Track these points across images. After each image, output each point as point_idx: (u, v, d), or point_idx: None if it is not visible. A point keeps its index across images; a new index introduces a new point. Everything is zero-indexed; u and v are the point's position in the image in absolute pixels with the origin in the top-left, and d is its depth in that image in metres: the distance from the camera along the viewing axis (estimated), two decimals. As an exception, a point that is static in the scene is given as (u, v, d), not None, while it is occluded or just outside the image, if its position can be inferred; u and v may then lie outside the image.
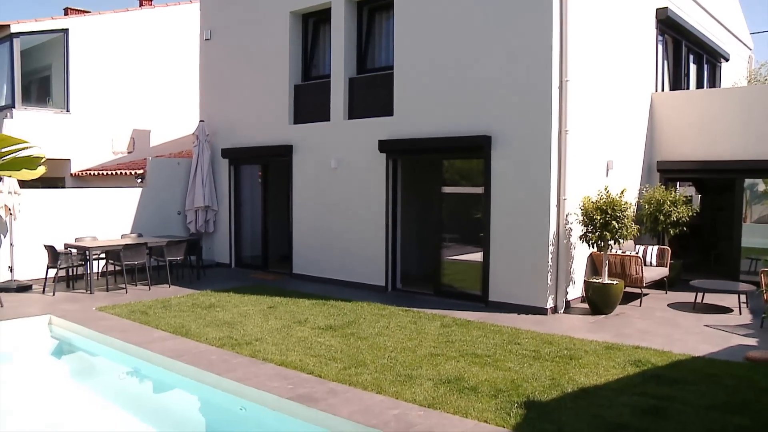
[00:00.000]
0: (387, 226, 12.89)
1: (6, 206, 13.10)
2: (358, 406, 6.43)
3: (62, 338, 10.53)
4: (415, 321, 10.18)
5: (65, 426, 7.70)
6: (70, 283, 13.75)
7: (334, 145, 13.85)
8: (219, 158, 16.64)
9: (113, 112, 20.66)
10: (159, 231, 16.05)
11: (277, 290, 12.95)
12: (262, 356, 8.18)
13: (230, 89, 16.40)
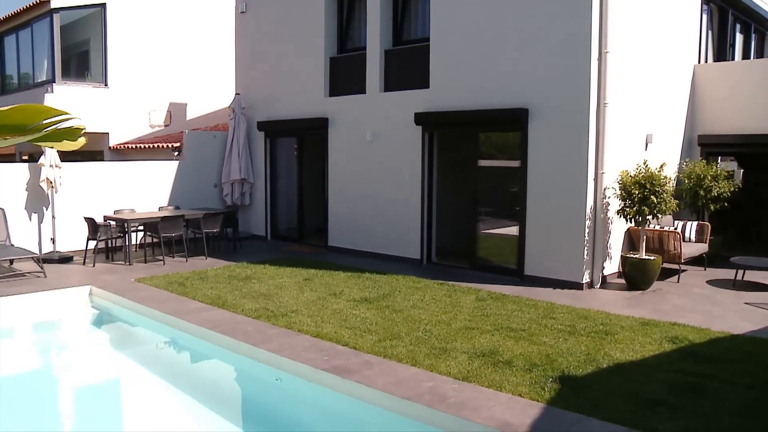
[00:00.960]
0: (422, 200, 12.87)
1: (48, 179, 13.33)
2: (393, 378, 6.47)
3: (102, 308, 10.74)
4: (450, 294, 10.18)
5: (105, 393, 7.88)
6: (109, 255, 13.99)
7: (369, 117, 13.82)
8: (255, 131, 16.71)
9: (150, 86, 20.84)
10: (195, 203, 16.21)
11: (312, 262, 13.03)
12: (298, 328, 8.26)
13: (266, 62, 16.41)
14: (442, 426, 5.65)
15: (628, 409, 5.66)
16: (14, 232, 13.24)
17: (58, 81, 19.16)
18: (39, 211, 13.91)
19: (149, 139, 20.36)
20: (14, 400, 7.49)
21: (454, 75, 12.19)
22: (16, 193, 13.59)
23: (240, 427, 6.75)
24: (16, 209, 13.54)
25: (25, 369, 8.88)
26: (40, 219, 13.93)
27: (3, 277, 11.74)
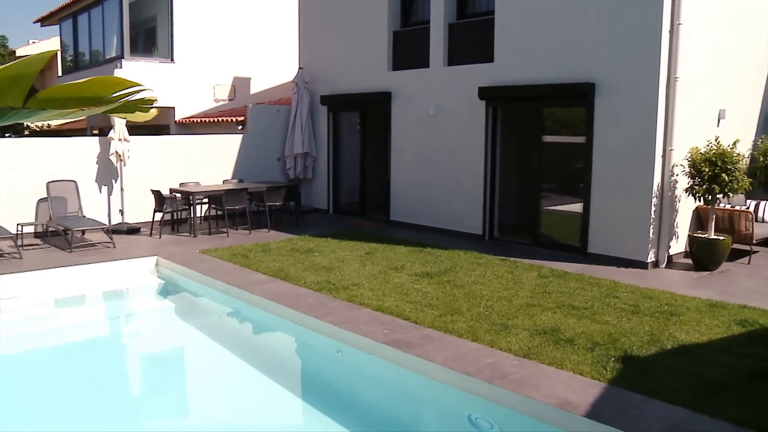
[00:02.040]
0: (485, 175, 12.77)
1: (117, 153, 13.70)
2: (453, 353, 6.49)
3: (168, 278, 11.03)
4: (511, 270, 10.12)
5: (170, 360, 8.12)
6: (174, 227, 14.32)
7: (432, 92, 13.74)
8: (318, 105, 16.79)
9: (215, 61, 21.12)
10: (259, 177, 16.43)
11: (374, 236, 13.10)
12: (359, 301, 8.33)
13: (329, 36, 16.44)
14: (501, 402, 5.66)
15: (692, 392, 5.56)
16: (85, 204, 13.66)
17: (126, 57, 19.59)
18: (108, 184, 14.32)
19: (214, 113, 20.68)
20: (85, 363, 7.79)
21: (518, 49, 12.00)
22: (87, 166, 14.01)
23: (300, 396, 6.88)
24: (87, 182, 13.96)
25: (95, 335, 9.21)
26: (109, 191, 14.33)
27: (76, 247, 12.15)
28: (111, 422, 6.14)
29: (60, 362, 7.88)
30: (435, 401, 6.60)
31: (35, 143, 13.93)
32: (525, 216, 12.55)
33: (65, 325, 9.57)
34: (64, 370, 7.58)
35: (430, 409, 6.67)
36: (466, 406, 6.11)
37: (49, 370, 7.50)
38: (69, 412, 6.24)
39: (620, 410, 5.23)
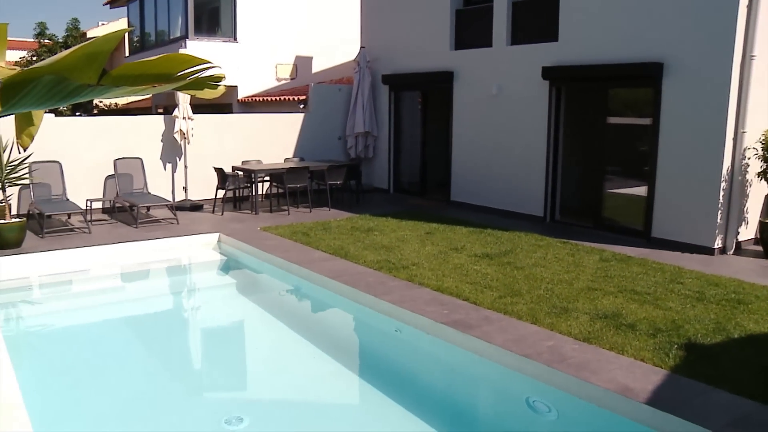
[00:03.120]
0: (547, 156, 12.61)
1: (181, 131, 13.97)
2: (513, 335, 6.46)
3: (229, 254, 11.23)
4: (572, 253, 9.99)
5: (230, 335, 8.29)
6: (236, 204, 14.57)
7: (495, 71, 13.58)
8: (379, 84, 16.78)
9: (277, 41, 21.31)
10: (320, 155, 16.55)
11: (434, 216, 13.08)
12: (419, 281, 8.35)
13: (391, 15, 16.37)
14: (560, 386, 5.61)
15: (761, 383, 5.42)
16: (150, 181, 13.98)
17: (191, 37, 19.92)
18: (172, 161, 14.62)
19: (276, 92, 20.88)
20: (148, 335, 8.02)
21: (584, 28, 11.76)
22: (153, 143, 14.32)
23: (357, 374, 6.95)
24: (153, 159, 14.28)
25: (158, 308, 9.48)
26: (173, 169, 14.64)
27: (141, 222, 12.47)
28: (171, 392, 6.32)
29: (125, 333, 8.14)
30: (492, 383, 6.59)
31: (103, 121, 14.32)
32: (587, 198, 12.36)
33: (130, 298, 9.87)
34: (128, 340, 7.82)
35: (488, 391, 6.67)
36: (523, 389, 6.09)
37: (114, 341, 7.75)
38: (131, 381, 6.44)
39: (683, 399, 5.13)
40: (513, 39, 13.33)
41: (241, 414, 5.55)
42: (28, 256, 10.12)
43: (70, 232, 11.68)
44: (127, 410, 5.79)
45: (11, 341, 5.65)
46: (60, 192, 12.70)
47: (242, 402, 6.14)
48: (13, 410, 4.26)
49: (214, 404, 6.11)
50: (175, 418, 5.71)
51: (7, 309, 8.77)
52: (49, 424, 4.94)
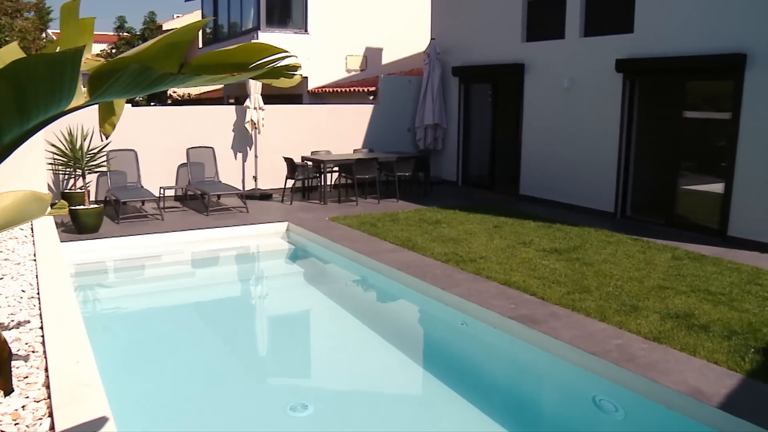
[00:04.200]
0: (619, 150, 12.33)
1: (252, 121, 14.20)
2: (580, 332, 6.37)
3: (298, 244, 11.39)
4: (643, 251, 9.77)
5: (296, 323, 8.40)
6: (305, 194, 14.74)
7: (567, 64, 13.35)
8: (449, 76, 16.70)
9: (347, 32, 21.40)
10: (389, 147, 16.58)
11: (502, 210, 12.97)
12: (486, 274, 8.30)
13: (462, 6, 16.25)
14: (628, 386, 5.51)
15: (841, 388, 5.21)
16: (221, 170, 14.28)
17: (263, 28, 20.19)
18: (243, 151, 14.88)
19: (345, 84, 21.00)
20: (216, 320, 8.19)
21: (661, 18, 11.43)
22: (224, 133, 14.61)
23: (421, 366, 6.96)
24: (224, 148, 14.57)
25: (227, 295, 9.67)
26: (243, 158, 14.90)
27: (212, 210, 12.74)
28: (239, 377, 6.45)
29: (194, 318, 8.35)
30: (558, 379, 6.52)
31: (177, 111, 14.68)
32: (660, 194, 12.04)
33: (201, 284, 10.10)
34: (198, 325, 8.01)
35: (553, 387, 6.59)
36: (590, 387, 6.00)
37: (184, 325, 7.95)
38: (200, 364, 6.60)
39: (759, 405, 4.96)
40: (586, 30, 13.07)
41: (306, 402, 5.63)
42: (105, 241, 10.48)
43: (144, 219, 12.02)
44: (196, 393, 5.95)
45: (89, 321, 5.85)
46: (135, 179, 13.09)
47: (307, 390, 6.23)
48: (91, 388, 4.41)
49: (279, 391, 6.21)
50: (243, 402, 5.83)
51: (85, 291, 9.09)
52: (124, 402, 5.11)
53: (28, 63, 1.43)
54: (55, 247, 8.79)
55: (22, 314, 6.21)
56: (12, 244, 9.18)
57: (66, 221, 11.32)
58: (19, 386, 4.60)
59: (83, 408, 4.13)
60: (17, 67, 1.41)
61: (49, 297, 6.48)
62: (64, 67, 1.49)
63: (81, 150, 11.82)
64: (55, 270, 7.46)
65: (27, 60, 1.42)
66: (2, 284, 7.16)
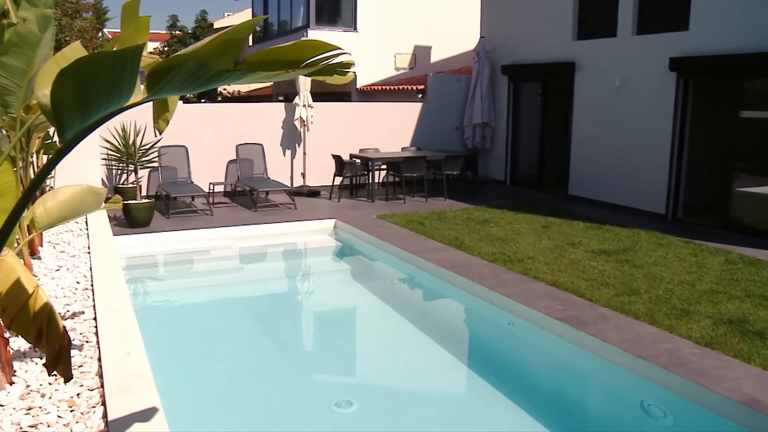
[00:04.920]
0: (671, 151, 12.10)
1: (301, 118, 14.31)
2: (629, 335, 6.27)
3: (345, 241, 11.44)
4: (695, 254, 9.57)
5: (342, 319, 8.44)
6: (353, 191, 14.79)
7: (619, 62, 13.14)
8: (498, 75, 16.59)
9: (396, 30, 21.42)
10: (437, 145, 16.55)
11: (551, 210, 12.84)
12: (534, 274, 8.24)
13: (512, 4, 16.12)
14: (678, 391, 5.41)
15: None
16: (270, 167, 14.42)
17: (312, 26, 20.33)
18: (292, 148, 15.00)
19: (394, 81, 21.02)
20: (264, 316, 8.28)
21: (718, 14, 11.17)
22: (273, 130, 14.75)
23: (467, 365, 6.93)
24: (273, 145, 14.71)
25: (274, 290, 9.77)
26: (292, 155, 15.02)
27: (260, 206, 12.87)
28: (284, 371, 6.51)
29: (242, 312, 8.45)
30: (606, 382, 6.43)
31: (227, 108, 14.86)
32: (714, 196, 11.78)
33: (248, 279, 10.22)
34: (245, 320, 8.11)
35: (600, 390, 6.50)
36: (638, 391, 5.90)
37: (231, 319, 8.05)
38: (247, 358, 6.68)
39: (814, 412, 4.83)
40: (639, 28, 12.85)
41: (351, 398, 5.65)
42: (155, 235, 10.69)
43: (194, 214, 12.21)
44: (242, 387, 6.02)
45: (139, 314, 5.97)
46: (185, 175, 13.30)
47: (352, 386, 6.25)
48: (141, 380, 4.50)
49: (324, 387, 6.25)
50: (288, 397, 5.89)
51: (136, 283, 9.27)
52: (172, 394, 5.20)
53: (91, 60, 1.47)
54: (108, 240, 8.99)
55: (77, 305, 6.37)
56: (68, 236, 9.41)
57: (118, 215, 11.56)
58: (74, 374, 4.72)
59: (134, 398, 4.22)
60: (80, 64, 1.45)
61: (102, 289, 6.62)
62: (124, 65, 1.53)
63: (134, 146, 12.07)
64: (108, 263, 7.63)
65: (90, 58, 1.46)
66: (59, 275, 7.35)
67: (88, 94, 1.54)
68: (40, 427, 4.04)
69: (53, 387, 4.56)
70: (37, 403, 4.32)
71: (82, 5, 28.72)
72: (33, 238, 7.56)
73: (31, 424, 4.06)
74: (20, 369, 4.88)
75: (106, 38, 31.55)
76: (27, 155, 6.66)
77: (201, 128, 13.90)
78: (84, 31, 26.56)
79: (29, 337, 3.34)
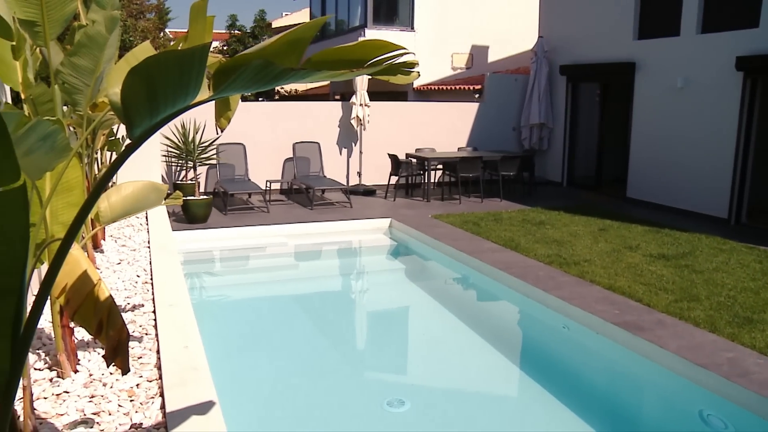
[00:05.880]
0: (736, 153, 11.77)
1: (357, 117, 14.37)
2: (688, 342, 6.13)
3: (400, 240, 11.45)
4: (760, 260, 9.29)
5: (396, 318, 8.44)
6: (408, 191, 14.79)
7: (682, 62, 12.84)
8: (556, 75, 16.39)
9: (453, 29, 21.33)
10: (493, 146, 16.44)
11: (608, 213, 12.64)
12: (590, 278, 8.12)
13: (572, 3, 15.90)
14: (740, 403, 5.26)
15: None
16: (326, 165, 14.52)
17: (369, 26, 20.39)
18: (348, 147, 15.08)
19: (451, 81, 20.94)
20: (317, 313, 8.34)
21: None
22: (330, 129, 14.85)
23: (520, 367, 6.86)
24: (329, 144, 14.81)
25: (329, 288, 9.83)
26: (348, 154, 15.10)
27: (316, 204, 12.97)
28: (337, 369, 6.54)
29: (296, 309, 8.52)
30: (663, 390, 6.29)
31: (284, 106, 15.01)
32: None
33: (303, 276, 10.32)
34: (299, 316, 8.18)
35: (656, 398, 6.37)
36: (697, 401, 5.76)
37: (285, 316, 8.14)
38: (300, 355, 6.74)
39: None
40: (704, 26, 12.53)
41: (403, 397, 5.65)
42: (213, 231, 10.86)
43: (250, 211, 12.37)
44: (295, 383, 6.07)
45: (196, 308, 6.08)
46: (243, 172, 13.49)
47: (405, 386, 6.25)
48: (198, 373, 4.58)
49: (377, 385, 6.26)
50: (341, 394, 5.92)
51: (193, 278, 9.43)
52: (228, 388, 5.27)
53: (159, 59, 1.50)
54: (168, 235, 9.18)
55: (137, 298, 6.51)
56: (128, 231, 9.64)
57: (177, 211, 11.79)
58: (133, 365, 4.83)
59: (191, 390, 4.30)
60: (150, 63, 1.48)
61: (161, 283, 6.76)
62: (192, 63, 1.56)
63: (193, 143, 12.28)
64: (167, 257, 7.79)
65: (159, 56, 1.49)
66: (120, 269, 7.53)
67: (157, 92, 1.57)
68: (102, 414, 4.15)
69: (114, 377, 4.68)
70: (99, 392, 4.44)
71: (146, 6, 29.39)
72: (96, 232, 7.76)
73: (94, 412, 4.18)
74: (84, 358, 5.02)
75: (168, 38, 32.19)
76: (92, 152, 6.84)
77: (259, 126, 14.07)
78: (147, 32, 27.18)
79: (90, 329, 3.43)
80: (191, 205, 10.96)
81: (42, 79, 4.95)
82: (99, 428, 3.97)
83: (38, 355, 4.99)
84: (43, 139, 2.32)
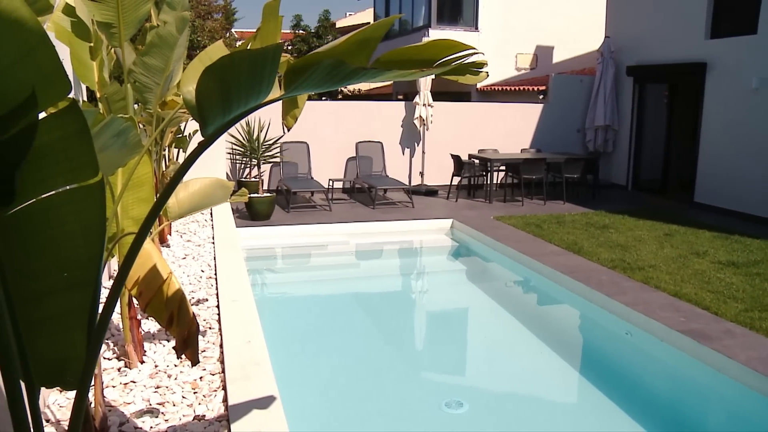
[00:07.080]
0: (811, 159, 11.37)
1: (420, 117, 14.37)
2: (759, 353, 5.94)
3: (461, 241, 11.41)
4: (835, 269, 8.96)
5: (455, 319, 8.42)
6: (470, 192, 14.73)
7: (758, 62, 12.40)
8: (623, 76, 16.08)
9: (518, 30, 21.14)
10: (557, 147, 16.24)
11: (674, 217, 12.34)
12: (654, 284, 7.94)
13: (640, 3, 15.56)
14: (813, 415, 5.08)
15: None
16: (389, 165, 14.56)
17: (433, 26, 20.36)
18: (410, 147, 15.09)
19: (515, 82, 20.77)
20: (378, 312, 8.37)
21: None
22: (393, 128, 14.88)
23: (581, 372, 6.77)
24: (392, 143, 14.85)
25: (390, 287, 9.86)
26: (411, 153, 15.11)
27: (378, 204, 13.02)
28: (396, 369, 6.56)
29: (356, 308, 8.58)
30: (730, 402, 6.11)
31: (348, 106, 15.14)
32: None
33: (365, 275, 10.37)
34: (359, 315, 8.23)
35: (723, 410, 6.19)
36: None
37: (346, 314, 8.20)
38: (359, 353, 6.77)
39: None
40: (782, 27, 12.11)
41: (462, 399, 5.63)
42: (276, 228, 11.02)
43: (313, 209, 12.50)
44: (354, 381, 6.11)
45: (258, 304, 6.17)
46: (306, 171, 13.63)
47: (463, 387, 6.23)
48: (260, 368, 4.65)
49: (435, 386, 6.25)
50: (399, 394, 5.93)
51: (255, 274, 9.58)
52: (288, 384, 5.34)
53: (234, 59, 1.53)
54: (231, 231, 9.34)
55: (201, 293, 6.64)
56: (193, 227, 9.84)
57: (240, 208, 11.98)
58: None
59: (253, 385, 4.37)
60: (224, 62, 1.51)
61: (225, 278, 6.89)
62: (264, 63, 1.58)
63: (257, 141, 12.46)
64: (231, 253, 7.92)
65: (233, 56, 1.52)
66: (185, 263, 7.69)
67: (230, 91, 1.61)
68: (166, 405, 4.25)
69: (178, 369, 4.78)
70: (164, 383, 4.55)
71: (214, 7, 29.98)
72: (164, 227, 7.95)
73: (159, 402, 4.28)
74: (149, 350, 5.15)
75: (234, 38, 32.74)
76: (160, 149, 7.01)
77: (323, 125, 14.20)
78: (214, 32, 27.72)
79: (162, 321, 3.52)
80: (255, 202, 11.13)
81: (114, 78, 5.10)
82: (164, 418, 4.07)
83: (107, 345, 5.15)
84: (117, 136, 2.40)
